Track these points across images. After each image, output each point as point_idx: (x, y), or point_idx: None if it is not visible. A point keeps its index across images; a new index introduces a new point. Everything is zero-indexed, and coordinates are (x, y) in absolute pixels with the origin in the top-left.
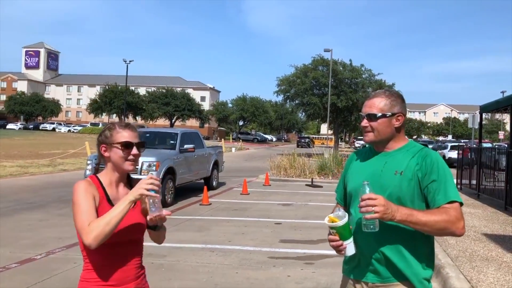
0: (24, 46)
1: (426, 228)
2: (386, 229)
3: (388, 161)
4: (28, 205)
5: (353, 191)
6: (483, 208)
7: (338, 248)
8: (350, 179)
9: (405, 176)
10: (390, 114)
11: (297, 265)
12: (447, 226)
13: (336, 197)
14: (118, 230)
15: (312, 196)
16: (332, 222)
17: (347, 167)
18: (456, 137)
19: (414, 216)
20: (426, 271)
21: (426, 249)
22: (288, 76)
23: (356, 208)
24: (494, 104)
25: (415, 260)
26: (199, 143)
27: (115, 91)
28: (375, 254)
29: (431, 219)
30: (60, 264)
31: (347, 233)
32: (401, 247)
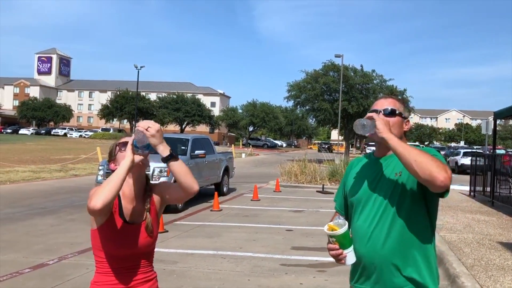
0: (36, 52)
1: (411, 156)
2: (394, 238)
3: (388, 164)
4: (40, 210)
5: (354, 199)
6: (497, 216)
7: (337, 257)
8: (351, 187)
9: (404, 176)
10: (404, 115)
11: (309, 273)
12: (433, 167)
13: (335, 206)
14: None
15: (323, 203)
16: (332, 230)
17: (347, 174)
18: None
19: (406, 145)
20: (435, 282)
21: (434, 260)
22: (299, 82)
23: (360, 215)
24: (508, 111)
25: (426, 270)
26: (209, 149)
27: (126, 97)
28: (381, 264)
29: (421, 153)
30: (73, 269)
31: (347, 242)
32: (410, 256)
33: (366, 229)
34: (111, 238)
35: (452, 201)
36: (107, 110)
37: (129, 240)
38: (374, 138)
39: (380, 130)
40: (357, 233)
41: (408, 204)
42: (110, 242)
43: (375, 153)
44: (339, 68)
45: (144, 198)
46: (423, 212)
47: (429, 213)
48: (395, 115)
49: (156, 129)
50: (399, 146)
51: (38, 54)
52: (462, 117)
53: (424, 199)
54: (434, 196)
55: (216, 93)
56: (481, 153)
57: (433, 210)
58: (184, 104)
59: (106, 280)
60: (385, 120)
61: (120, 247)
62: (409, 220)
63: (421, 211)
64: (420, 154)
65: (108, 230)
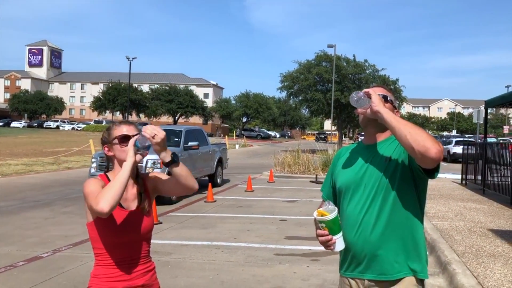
0: (27, 44)
1: (406, 128)
2: (383, 224)
3: (377, 151)
4: (33, 203)
5: (343, 186)
6: (488, 204)
7: (327, 244)
8: (339, 174)
9: (393, 161)
10: (394, 105)
11: (303, 262)
12: (426, 139)
13: (322, 195)
14: (126, 230)
15: (316, 193)
16: (322, 216)
17: (335, 164)
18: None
19: (399, 118)
20: (425, 265)
21: (423, 245)
22: (292, 72)
23: (349, 202)
24: (499, 99)
25: (415, 255)
26: (203, 140)
27: (118, 89)
28: (371, 250)
29: (414, 126)
30: (67, 262)
31: (336, 228)
32: (399, 242)
33: (356, 216)
34: (109, 225)
35: (444, 189)
36: (99, 102)
37: (128, 225)
38: (368, 114)
39: (375, 103)
40: (347, 220)
41: (398, 190)
42: (108, 229)
43: (363, 141)
44: (332, 58)
45: (136, 184)
46: (413, 198)
47: (418, 198)
48: (387, 102)
49: (162, 138)
50: (393, 119)
51: (29, 46)
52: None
53: (414, 184)
54: (424, 180)
55: (209, 84)
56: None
57: (422, 195)
58: (177, 96)
59: (106, 272)
60: (380, 97)
61: (119, 234)
62: (398, 206)
63: (410, 196)
64: (414, 126)
65: (106, 219)
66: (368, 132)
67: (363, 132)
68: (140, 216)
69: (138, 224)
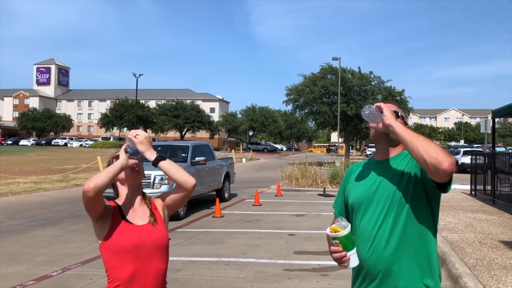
0: (35, 63)
1: (418, 142)
2: (396, 240)
3: (389, 167)
4: (42, 221)
5: (355, 202)
6: (499, 215)
7: (341, 260)
8: (351, 190)
9: (405, 176)
10: (405, 121)
11: (312, 277)
12: (439, 152)
13: (334, 212)
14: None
15: (325, 206)
16: (335, 232)
17: (347, 181)
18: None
19: (411, 131)
20: (438, 282)
21: (436, 260)
22: (297, 85)
23: (362, 218)
24: (507, 109)
25: (428, 271)
26: (210, 155)
27: (125, 105)
28: (385, 266)
29: (426, 138)
30: (77, 280)
31: (350, 244)
32: (412, 258)
33: (369, 232)
34: (119, 234)
35: (453, 200)
36: (106, 118)
37: (134, 236)
38: (379, 128)
39: (387, 117)
40: (360, 236)
41: (411, 205)
42: (118, 237)
43: (375, 157)
44: (337, 71)
45: (144, 204)
46: (426, 213)
47: (431, 213)
48: (398, 117)
49: (144, 136)
50: (405, 132)
51: (37, 65)
52: (461, 116)
53: (427, 199)
54: (437, 195)
55: (215, 98)
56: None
57: (435, 210)
58: (184, 111)
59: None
60: (391, 111)
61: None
62: (412, 221)
63: (423, 211)
64: (426, 139)
65: (115, 230)
66: (379, 148)
67: (375, 147)
68: (150, 229)
69: (147, 237)
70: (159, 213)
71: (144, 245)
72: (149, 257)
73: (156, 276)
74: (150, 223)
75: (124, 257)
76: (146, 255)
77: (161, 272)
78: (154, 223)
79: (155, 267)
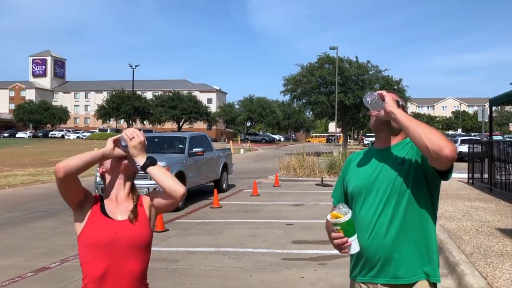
0: (30, 55)
1: (420, 128)
2: (396, 228)
3: (389, 155)
4: (40, 213)
5: (355, 190)
6: (496, 203)
7: (342, 246)
8: (351, 179)
9: (406, 164)
10: (405, 110)
11: (310, 266)
12: (441, 139)
13: (333, 202)
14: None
15: (322, 196)
16: (336, 218)
17: (346, 169)
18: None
19: (412, 118)
20: (437, 269)
21: (435, 248)
22: (294, 75)
23: (361, 206)
24: (503, 97)
25: (427, 259)
26: (207, 146)
27: (122, 96)
28: (385, 254)
29: (428, 125)
30: (75, 272)
31: (351, 229)
32: (412, 246)
33: (369, 220)
34: (92, 230)
35: (451, 189)
36: (103, 110)
37: (113, 230)
38: (381, 116)
39: (389, 104)
40: (360, 224)
41: (411, 193)
42: (91, 235)
43: (375, 145)
44: (334, 60)
45: (130, 199)
46: (426, 201)
47: (431, 201)
48: (399, 107)
49: (139, 141)
50: (407, 118)
51: (33, 57)
52: (458, 104)
53: (427, 187)
54: (437, 182)
55: (212, 89)
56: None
57: (435, 198)
58: (181, 102)
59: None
60: (393, 99)
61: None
62: (412, 209)
63: (423, 199)
64: (427, 126)
65: (90, 224)
66: (379, 136)
67: (375, 136)
68: (127, 226)
69: (122, 234)
70: (144, 210)
71: (118, 242)
72: (123, 256)
73: (131, 278)
74: (129, 219)
75: (96, 253)
76: (119, 253)
77: (136, 273)
78: (133, 220)
79: (129, 267)
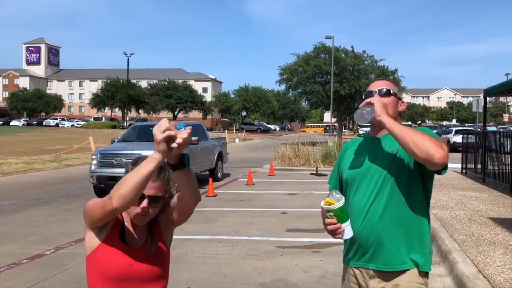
0: (24, 42)
1: (408, 137)
2: (390, 215)
3: (385, 143)
4: (35, 201)
5: (349, 178)
6: (488, 192)
7: (335, 232)
8: (346, 166)
9: (400, 153)
10: (399, 96)
11: (304, 254)
12: (430, 146)
13: (329, 188)
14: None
15: (317, 185)
16: (329, 204)
17: (342, 156)
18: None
19: (402, 126)
20: (429, 257)
21: (428, 237)
22: (290, 65)
23: (355, 194)
24: (498, 87)
25: (419, 247)
26: (202, 135)
27: (116, 85)
28: (376, 240)
29: (417, 132)
30: (70, 259)
31: (344, 216)
32: (405, 233)
33: (362, 206)
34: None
35: (444, 179)
36: (98, 99)
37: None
38: (372, 121)
39: (378, 114)
40: (354, 210)
41: (405, 181)
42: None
43: (370, 133)
44: (330, 50)
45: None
46: (419, 189)
47: (425, 190)
48: (390, 95)
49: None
50: (395, 127)
51: (26, 44)
52: (453, 95)
53: (421, 176)
54: (431, 173)
55: (208, 78)
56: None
57: (429, 187)
58: (176, 91)
59: None
60: (382, 103)
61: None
62: (405, 197)
63: (417, 188)
64: (416, 133)
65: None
66: (374, 125)
67: (370, 125)
68: (145, 256)
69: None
70: (159, 229)
71: (134, 277)
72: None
73: None
74: (146, 246)
75: (108, 285)
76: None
77: None
78: (152, 247)
79: None
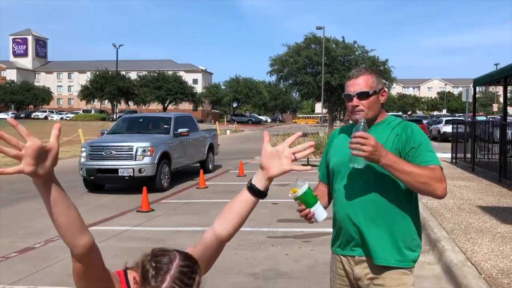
0: (11, 34)
1: (409, 178)
2: (375, 203)
3: (373, 133)
4: (25, 194)
5: (335, 167)
6: (477, 181)
7: (307, 217)
8: (332, 155)
9: (386, 145)
10: (378, 90)
11: (295, 244)
12: (429, 182)
13: (318, 175)
14: None
15: (308, 176)
16: (294, 193)
17: (329, 144)
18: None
19: (400, 164)
20: (413, 253)
21: (416, 229)
22: (281, 56)
23: (340, 182)
24: (487, 77)
25: (402, 242)
26: (193, 127)
27: (106, 77)
28: (361, 228)
29: (416, 170)
30: (60, 251)
31: (310, 200)
32: (391, 221)
33: (348, 195)
34: None
35: None
36: (87, 91)
37: None
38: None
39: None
40: (339, 199)
41: (389, 173)
42: None
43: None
44: (321, 41)
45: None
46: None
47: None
48: (369, 96)
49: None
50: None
51: (13, 36)
52: (444, 85)
53: None
54: None
55: (198, 69)
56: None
57: None
58: (166, 82)
59: None
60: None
61: None
62: (391, 186)
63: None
64: (420, 175)
65: None
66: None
67: None
68: None
69: None
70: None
71: None
72: None
73: None
74: None
75: None
76: None
77: None
78: None
79: None
